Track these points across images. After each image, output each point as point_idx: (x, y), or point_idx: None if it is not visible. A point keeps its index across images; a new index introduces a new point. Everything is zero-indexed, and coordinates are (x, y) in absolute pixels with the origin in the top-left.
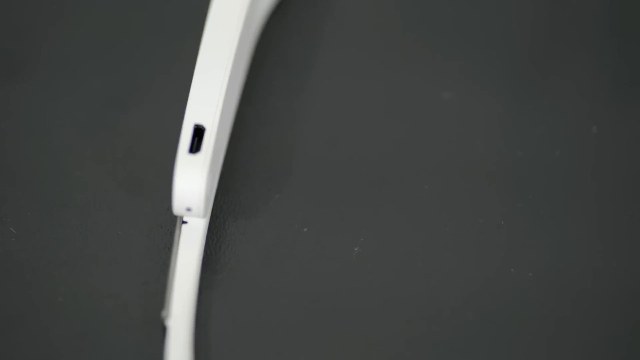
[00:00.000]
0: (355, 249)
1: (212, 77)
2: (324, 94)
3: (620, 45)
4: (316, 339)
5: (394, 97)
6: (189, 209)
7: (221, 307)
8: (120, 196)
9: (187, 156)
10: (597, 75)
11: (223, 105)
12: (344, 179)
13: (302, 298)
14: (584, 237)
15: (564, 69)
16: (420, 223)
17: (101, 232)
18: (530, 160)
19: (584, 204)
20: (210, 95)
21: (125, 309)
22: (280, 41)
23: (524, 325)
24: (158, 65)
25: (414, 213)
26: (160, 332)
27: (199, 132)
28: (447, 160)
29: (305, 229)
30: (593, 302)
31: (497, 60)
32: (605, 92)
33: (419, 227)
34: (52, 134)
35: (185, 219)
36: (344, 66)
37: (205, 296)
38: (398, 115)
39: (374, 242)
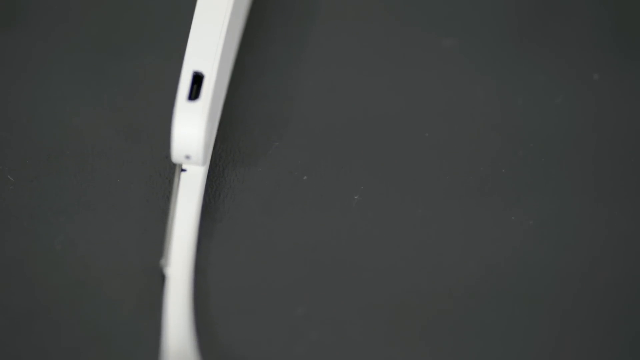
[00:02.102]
0: (355, 197)
1: (211, 23)
2: (324, 41)
3: None
4: (315, 287)
5: (394, 44)
6: (188, 157)
7: (220, 255)
8: (118, 144)
9: (186, 103)
10: (598, 22)
11: (222, 52)
12: (343, 127)
13: (301, 246)
14: (585, 184)
15: (565, 16)
16: (420, 171)
17: (99, 180)
18: (532, 107)
19: (584, 151)
20: (209, 42)
21: (124, 257)
22: None
23: (524, 273)
24: (157, 11)
25: (415, 161)
26: (159, 280)
27: (198, 79)
28: (447, 108)
29: (305, 177)
30: (593, 249)
31: (499, 7)
32: (607, 39)
33: (420, 175)
34: (49, 82)
35: (184, 166)
36: (344, 13)
37: (205, 244)
38: (398, 62)
39: (374, 190)
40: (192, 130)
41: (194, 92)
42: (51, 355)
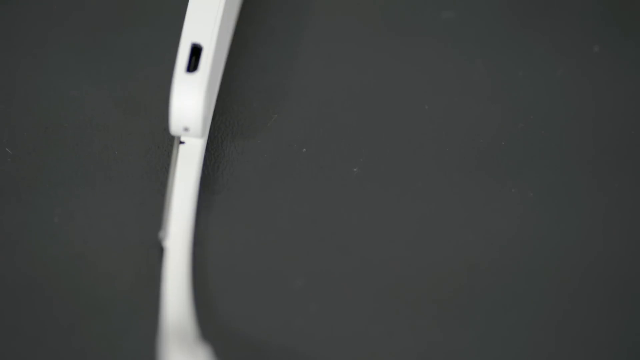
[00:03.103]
0: (355, 170)
1: None
2: (324, 13)
3: None
4: (314, 259)
5: (394, 16)
6: (186, 129)
7: (219, 228)
8: (116, 116)
9: (184, 75)
10: None
11: (221, 23)
12: (343, 99)
13: (300, 219)
14: (585, 156)
15: None
16: (420, 143)
17: (97, 153)
18: (532, 80)
19: (585, 123)
20: (208, 13)
21: (123, 229)
22: None
23: (524, 245)
24: None
25: (414, 133)
26: (157, 252)
27: (196, 51)
28: (447, 80)
29: (304, 150)
30: (594, 221)
31: None
32: (607, 11)
33: (419, 147)
34: (47, 54)
35: (182, 139)
36: None
37: (203, 217)
38: (398, 35)
39: (373, 163)
40: (190, 102)
41: (193, 64)
42: (49, 328)
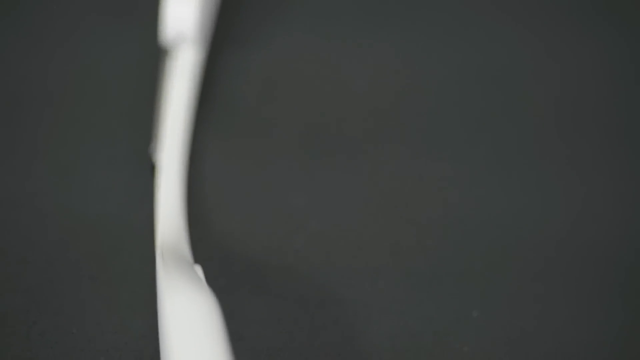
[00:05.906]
0: (357, 82)
1: None
2: None
3: None
4: (314, 176)
5: None
6: (181, 37)
7: (215, 143)
8: (107, 22)
9: None
10: None
11: None
12: (344, 9)
13: (301, 133)
14: (587, 69)
15: None
16: (422, 55)
17: (87, 64)
18: None
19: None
20: None
21: (113, 144)
22: None
23: (524, 158)
24: None
25: (417, 45)
26: (150, 168)
27: None
28: None
29: (305, 62)
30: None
31: None
32: None
33: (421, 59)
34: None
35: (177, 48)
36: None
37: (199, 132)
38: None
39: (376, 74)
40: (185, 8)
41: None
42: (37, 247)
